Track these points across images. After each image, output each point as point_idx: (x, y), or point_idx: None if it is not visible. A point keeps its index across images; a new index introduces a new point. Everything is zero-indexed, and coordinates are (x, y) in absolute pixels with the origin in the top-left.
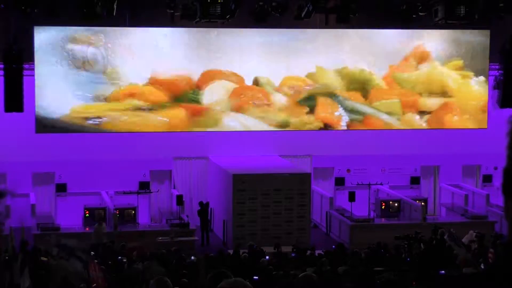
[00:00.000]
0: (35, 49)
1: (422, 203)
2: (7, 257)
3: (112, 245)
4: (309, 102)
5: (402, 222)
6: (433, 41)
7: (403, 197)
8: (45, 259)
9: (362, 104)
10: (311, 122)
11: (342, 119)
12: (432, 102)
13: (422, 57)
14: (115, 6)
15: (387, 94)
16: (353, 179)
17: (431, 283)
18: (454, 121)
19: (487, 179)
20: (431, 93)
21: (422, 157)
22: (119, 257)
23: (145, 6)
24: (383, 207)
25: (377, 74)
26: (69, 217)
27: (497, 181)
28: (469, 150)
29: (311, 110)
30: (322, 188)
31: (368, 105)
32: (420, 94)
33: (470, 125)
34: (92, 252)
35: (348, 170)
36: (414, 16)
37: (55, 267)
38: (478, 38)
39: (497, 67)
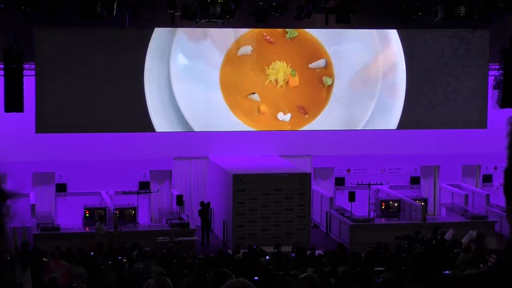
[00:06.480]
0: None
1: (422, 203)
2: (8, 257)
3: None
4: None
5: (402, 222)
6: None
7: (403, 197)
8: (45, 259)
9: None
10: None
11: None
12: None
13: None
14: (115, 6)
15: None
16: (353, 179)
17: (431, 283)
18: None
19: (487, 179)
20: None
21: (422, 157)
22: (119, 257)
23: (145, 6)
24: (383, 207)
25: None
26: (69, 217)
27: (497, 181)
28: (469, 150)
29: None
30: (322, 188)
31: None
32: None
33: None
34: (91, 252)
35: (348, 170)
36: (414, 16)
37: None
38: (478, 38)
39: (497, 67)
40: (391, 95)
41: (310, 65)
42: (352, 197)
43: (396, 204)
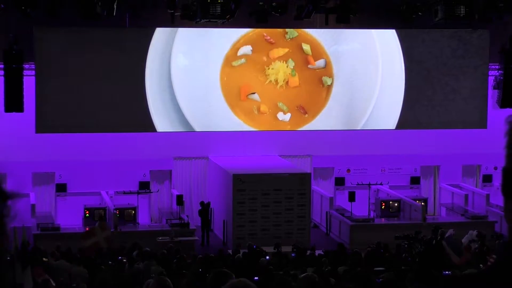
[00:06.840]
0: None
1: (422, 203)
2: (9, 257)
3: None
4: None
5: (402, 222)
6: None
7: (403, 197)
8: (45, 259)
9: None
10: None
11: None
12: None
13: None
14: (115, 6)
15: None
16: (353, 179)
17: (431, 283)
18: None
19: (487, 179)
20: None
21: (422, 157)
22: (119, 257)
23: (145, 6)
24: (383, 207)
25: None
26: (69, 217)
27: (497, 181)
28: (469, 150)
29: None
30: (322, 188)
31: None
32: None
33: None
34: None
35: (348, 170)
36: (414, 16)
37: (55, 267)
38: (477, 38)
39: (497, 67)
40: (390, 95)
41: (309, 66)
42: (352, 197)
43: (396, 204)
